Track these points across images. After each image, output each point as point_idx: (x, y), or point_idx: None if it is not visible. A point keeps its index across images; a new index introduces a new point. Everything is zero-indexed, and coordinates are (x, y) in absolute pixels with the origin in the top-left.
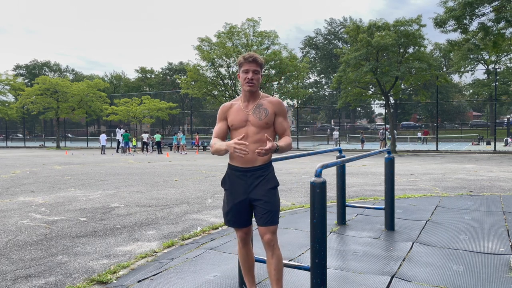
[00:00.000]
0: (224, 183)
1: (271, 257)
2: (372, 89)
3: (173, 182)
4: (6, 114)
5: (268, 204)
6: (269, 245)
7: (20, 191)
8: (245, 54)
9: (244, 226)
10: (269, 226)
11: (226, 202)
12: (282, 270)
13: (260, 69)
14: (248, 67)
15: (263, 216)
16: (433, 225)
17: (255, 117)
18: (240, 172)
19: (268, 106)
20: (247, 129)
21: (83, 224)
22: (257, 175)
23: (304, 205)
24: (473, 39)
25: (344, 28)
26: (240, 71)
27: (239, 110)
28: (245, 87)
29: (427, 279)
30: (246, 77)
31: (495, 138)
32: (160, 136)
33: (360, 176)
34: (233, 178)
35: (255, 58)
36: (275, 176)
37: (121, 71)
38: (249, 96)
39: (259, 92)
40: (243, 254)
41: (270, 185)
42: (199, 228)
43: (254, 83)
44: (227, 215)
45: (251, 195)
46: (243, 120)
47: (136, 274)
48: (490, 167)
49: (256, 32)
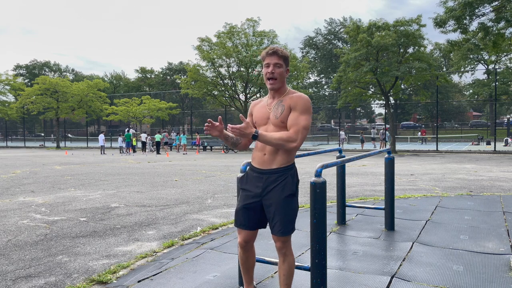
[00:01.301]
0: (241, 182)
1: (282, 263)
2: (372, 89)
3: (173, 182)
4: (6, 114)
5: (281, 213)
6: (280, 251)
7: (20, 191)
8: (267, 47)
9: (249, 228)
10: (279, 236)
11: (239, 200)
12: (292, 276)
13: (283, 63)
14: (269, 60)
15: (275, 225)
16: (433, 225)
17: (273, 115)
18: (257, 173)
19: (286, 102)
20: (267, 127)
21: (83, 224)
22: (272, 179)
23: (304, 205)
24: (473, 39)
25: (344, 28)
26: (263, 67)
27: (263, 107)
28: (267, 84)
29: (427, 279)
30: (267, 71)
31: (495, 138)
32: (160, 136)
33: (360, 176)
34: (250, 178)
35: (276, 50)
36: (294, 181)
37: (121, 71)
38: (274, 93)
39: (285, 88)
40: (243, 258)
41: (286, 192)
42: (199, 228)
43: (275, 77)
44: (237, 214)
45: (264, 200)
46: (265, 118)
47: (136, 274)
48: (490, 167)
49: (256, 32)
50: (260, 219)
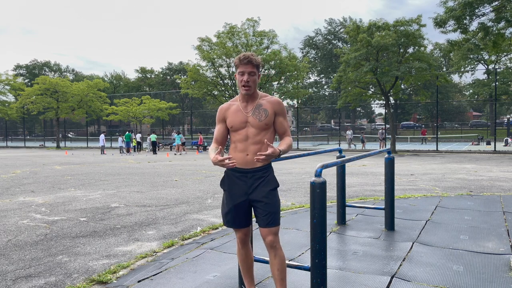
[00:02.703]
0: (223, 184)
1: (273, 258)
2: (372, 89)
3: (173, 182)
4: (6, 114)
5: (269, 205)
6: (271, 246)
7: (20, 191)
8: (240, 55)
9: (243, 226)
10: (270, 228)
11: (225, 203)
12: (285, 270)
13: (256, 70)
14: (244, 69)
15: (264, 217)
16: (433, 225)
17: (255, 119)
18: (240, 173)
19: (267, 106)
20: (247, 130)
21: (83, 224)
22: (257, 177)
23: (304, 205)
24: (473, 39)
25: (344, 28)
26: (237, 72)
27: (238, 111)
28: (241, 90)
29: (427, 279)
30: (242, 79)
31: (495, 138)
32: (156, 136)
33: (360, 176)
34: (232, 179)
35: (250, 59)
36: (275, 177)
37: (121, 71)
38: (248, 97)
39: (257, 92)
40: (242, 255)
41: (270, 186)
42: (199, 228)
43: (250, 85)
44: (227, 216)
45: (251, 197)
46: (243, 122)
47: (136, 274)
48: (490, 167)
49: (256, 32)
50: (250, 215)
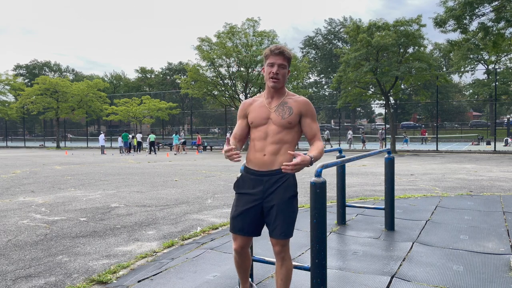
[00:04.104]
0: (236, 186)
1: (280, 267)
2: (372, 89)
3: (173, 182)
4: (6, 114)
5: (284, 215)
6: (279, 256)
7: (20, 191)
8: (272, 46)
9: (248, 235)
10: (283, 240)
11: (235, 205)
12: (289, 281)
13: (287, 64)
14: (274, 60)
15: (277, 227)
16: (433, 225)
17: (278, 115)
18: (256, 176)
19: (293, 105)
20: (268, 127)
21: (83, 224)
22: (274, 180)
23: (304, 205)
24: (473, 39)
25: (343, 28)
26: (265, 64)
27: (261, 107)
28: (268, 83)
29: (427, 279)
30: (271, 71)
31: (495, 138)
32: (154, 136)
33: (360, 176)
34: (247, 182)
35: (282, 50)
36: (295, 182)
37: (121, 71)
38: (274, 93)
39: (285, 89)
40: (238, 262)
41: (289, 193)
42: (199, 228)
43: (279, 78)
44: (234, 220)
45: (265, 202)
46: (265, 118)
47: (136, 274)
48: (490, 167)
49: (256, 32)
50: (257, 225)
